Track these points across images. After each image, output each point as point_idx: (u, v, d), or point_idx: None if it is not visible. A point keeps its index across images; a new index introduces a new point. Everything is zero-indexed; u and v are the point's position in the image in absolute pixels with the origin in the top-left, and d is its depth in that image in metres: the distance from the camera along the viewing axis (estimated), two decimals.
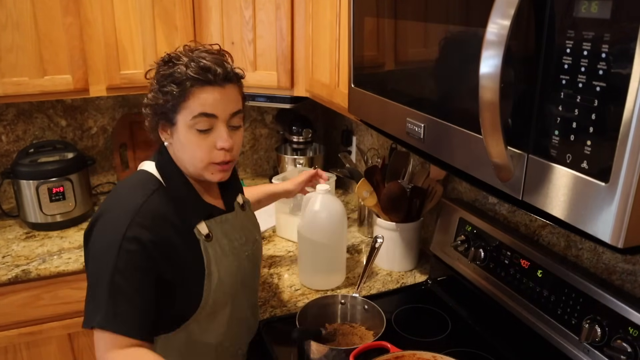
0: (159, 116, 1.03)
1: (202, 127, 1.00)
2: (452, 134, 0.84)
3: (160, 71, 1.02)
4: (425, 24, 0.89)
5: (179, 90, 0.98)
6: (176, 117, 1.00)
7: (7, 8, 1.60)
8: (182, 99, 0.99)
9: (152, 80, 1.04)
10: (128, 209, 0.97)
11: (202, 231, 1.05)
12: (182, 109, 0.99)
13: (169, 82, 0.99)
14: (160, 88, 1.00)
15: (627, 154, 0.55)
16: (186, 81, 0.98)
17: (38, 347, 1.72)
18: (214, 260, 1.06)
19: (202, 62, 0.99)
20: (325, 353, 1.14)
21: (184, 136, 1.01)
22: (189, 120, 1.00)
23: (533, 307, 1.15)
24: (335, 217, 1.44)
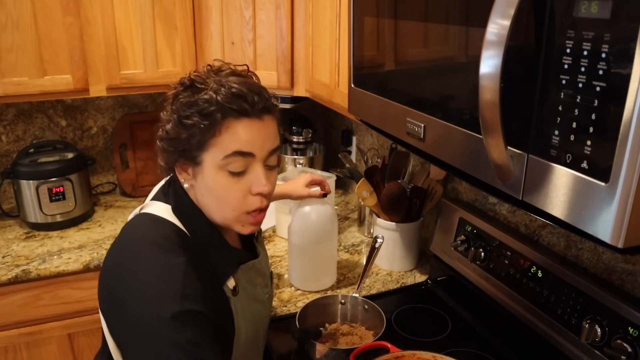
0: (179, 153, 0.84)
1: (235, 169, 0.83)
2: (452, 134, 0.84)
3: (181, 98, 0.83)
4: (425, 24, 0.89)
5: (207, 123, 0.80)
6: (202, 155, 0.83)
7: (7, 8, 1.60)
8: (212, 134, 0.81)
9: (169, 107, 0.85)
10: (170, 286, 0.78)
11: (230, 285, 0.90)
12: (211, 146, 0.82)
13: (194, 113, 0.81)
14: (181, 119, 0.82)
15: (627, 154, 0.55)
16: (216, 112, 0.80)
17: (38, 347, 1.72)
18: (241, 315, 0.92)
19: (234, 88, 0.81)
20: (325, 353, 1.14)
21: (212, 179, 0.84)
22: (220, 160, 0.82)
23: (533, 307, 1.15)
24: (325, 218, 1.44)
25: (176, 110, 0.83)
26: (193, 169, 0.86)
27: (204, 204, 0.88)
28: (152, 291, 0.78)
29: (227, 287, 0.89)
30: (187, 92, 0.84)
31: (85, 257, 1.70)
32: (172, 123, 0.84)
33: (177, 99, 0.84)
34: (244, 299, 0.93)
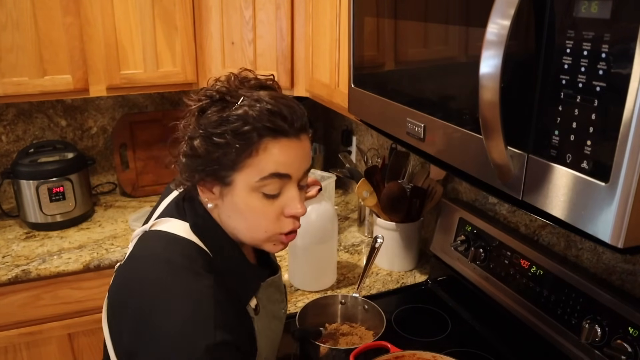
0: (206, 172, 0.78)
1: (270, 191, 0.79)
2: (452, 134, 0.84)
3: (209, 113, 0.77)
4: (425, 24, 0.89)
5: (242, 142, 0.75)
6: (233, 175, 0.77)
7: (7, 8, 1.60)
8: (247, 155, 0.76)
9: (193, 121, 0.78)
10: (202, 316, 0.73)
11: (252, 305, 0.86)
12: (246, 167, 0.76)
13: (227, 131, 0.75)
14: (211, 136, 0.75)
15: (627, 154, 0.55)
16: (253, 131, 0.75)
17: (38, 347, 1.72)
18: (262, 335, 0.88)
19: (270, 104, 0.76)
20: (325, 353, 1.14)
21: (243, 200, 0.79)
22: (255, 182, 0.77)
23: (533, 307, 1.15)
24: (325, 218, 1.44)
25: (205, 126, 0.76)
26: (221, 188, 0.80)
27: (230, 226, 0.83)
28: (183, 325, 0.72)
29: (250, 307, 0.85)
30: (216, 106, 0.77)
31: (85, 257, 1.70)
32: (200, 139, 0.76)
33: (204, 113, 0.78)
34: (264, 317, 0.88)
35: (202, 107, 0.78)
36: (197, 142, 0.76)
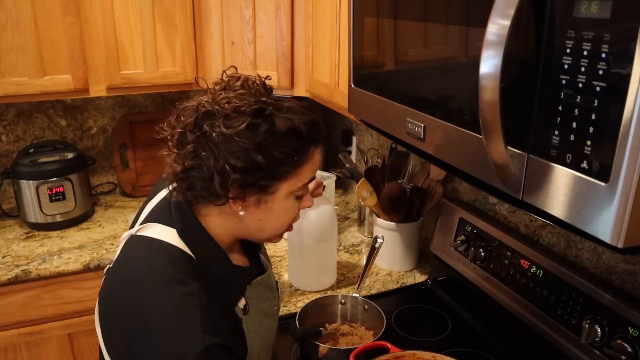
0: (248, 185, 0.77)
1: (302, 193, 0.85)
2: (452, 134, 0.84)
3: (261, 128, 0.76)
4: (425, 24, 0.89)
5: (299, 154, 0.78)
6: (277, 185, 0.80)
7: (7, 8, 1.60)
8: (299, 164, 0.80)
9: (240, 135, 0.75)
10: (189, 322, 0.74)
11: (240, 305, 0.86)
12: (293, 177, 0.80)
13: (287, 143, 0.77)
14: (269, 151, 0.76)
15: (627, 154, 0.55)
16: (306, 144, 0.79)
17: (38, 347, 1.72)
18: (253, 334, 0.88)
19: (309, 116, 0.80)
20: (325, 353, 1.14)
21: (282, 205, 0.82)
22: (297, 189, 0.82)
23: (533, 307, 1.15)
24: (325, 218, 1.44)
25: (261, 141, 0.76)
26: (259, 197, 0.80)
27: (253, 227, 0.84)
28: (170, 332, 0.73)
29: (239, 308, 0.86)
30: (263, 120, 0.76)
31: (85, 257, 1.70)
32: (258, 154, 0.76)
33: (256, 127, 0.76)
34: (254, 316, 0.89)
35: (251, 123, 0.75)
36: (258, 157, 0.75)
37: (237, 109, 0.75)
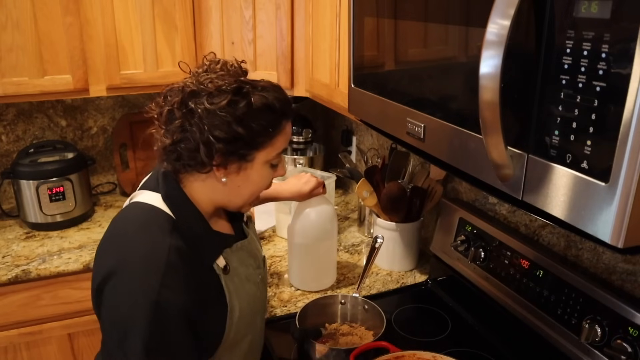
0: (234, 153, 0.89)
1: (277, 162, 0.97)
2: (452, 134, 0.84)
3: (240, 102, 0.87)
4: (425, 24, 0.89)
5: (274, 126, 0.91)
6: (255, 154, 0.91)
7: (7, 8, 1.60)
8: (274, 135, 0.91)
9: (222, 110, 0.86)
10: (153, 268, 0.84)
11: (220, 264, 0.96)
12: (269, 146, 0.92)
13: (262, 118, 0.89)
14: (248, 123, 0.87)
15: (627, 154, 0.55)
16: (279, 118, 0.91)
17: (38, 347, 1.72)
18: (234, 293, 0.97)
19: (281, 94, 0.93)
20: (325, 353, 1.14)
21: (258, 172, 0.94)
22: (272, 157, 0.94)
23: (533, 307, 1.15)
24: (325, 218, 1.43)
25: (241, 115, 0.87)
26: (240, 165, 0.92)
27: (231, 194, 0.96)
28: (134, 275, 0.84)
29: (218, 266, 0.95)
30: (241, 97, 0.88)
31: (85, 257, 1.70)
32: (238, 125, 0.87)
33: (235, 103, 0.87)
34: (235, 278, 0.98)
35: (231, 100, 0.86)
36: (239, 128, 0.87)
37: (219, 88, 0.86)
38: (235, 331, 0.98)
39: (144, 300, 0.82)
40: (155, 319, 0.82)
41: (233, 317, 0.97)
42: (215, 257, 0.95)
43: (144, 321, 0.82)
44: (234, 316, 0.97)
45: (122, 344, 0.83)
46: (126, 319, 0.83)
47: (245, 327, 1.01)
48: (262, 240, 1.83)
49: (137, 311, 0.82)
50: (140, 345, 0.82)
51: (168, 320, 0.84)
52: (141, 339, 0.82)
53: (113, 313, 0.86)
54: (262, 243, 1.80)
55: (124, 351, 0.83)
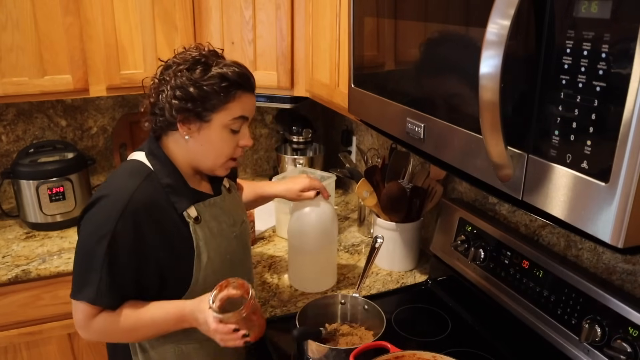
0: (190, 111, 1.05)
1: (236, 128, 1.09)
2: (452, 134, 0.84)
3: (197, 70, 1.04)
4: (425, 24, 0.89)
5: (224, 92, 1.04)
6: (212, 115, 1.06)
7: (7, 8, 1.60)
8: (226, 100, 1.05)
9: (184, 75, 1.04)
10: (121, 198, 1.03)
11: (192, 214, 1.10)
12: (223, 110, 1.06)
13: (215, 83, 1.03)
14: (202, 86, 1.03)
15: (627, 154, 0.55)
16: (232, 85, 1.05)
17: (38, 347, 1.72)
18: (203, 241, 1.11)
19: (238, 69, 1.06)
20: (325, 353, 1.14)
21: (216, 134, 1.08)
22: (228, 121, 1.07)
23: (533, 307, 1.15)
24: (325, 219, 1.43)
25: (196, 79, 1.03)
26: (200, 124, 1.07)
27: (199, 153, 1.10)
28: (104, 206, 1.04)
29: (188, 215, 1.10)
30: (200, 66, 1.04)
31: None
32: (195, 87, 1.03)
33: (192, 70, 1.04)
34: (206, 229, 1.12)
35: (190, 67, 1.05)
36: (192, 89, 1.03)
37: (185, 60, 1.06)
38: (204, 276, 1.11)
39: (106, 225, 1.01)
40: (113, 241, 1.01)
41: (201, 263, 1.11)
42: (185, 207, 1.10)
43: (103, 244, 1.01)
44: (201, 262, 1.11)
45: (85, 269, 1.03)
46: (91, 242, 1.04)
47: (215, 275, 1.12)
48: (262, 240, 1.83)
49: (100, 236, 1.02)
50: (97, 271, 1.01)
51: (124, 241, 1.02)
52: (97, 266, 1.01)
53: (82, 239, 1.07)
54: (262, 243, 1.80)
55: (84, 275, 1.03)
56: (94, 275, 1.03)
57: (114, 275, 1.03)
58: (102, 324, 1.06)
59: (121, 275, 1.04)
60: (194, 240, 1.10)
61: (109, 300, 1.04)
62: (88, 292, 1.03)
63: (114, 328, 1.07)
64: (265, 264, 1.67)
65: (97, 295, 1.03)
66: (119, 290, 1.05)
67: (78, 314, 1.07)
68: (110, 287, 1.03)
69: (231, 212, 1.22)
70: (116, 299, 1.06)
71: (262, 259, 1.70)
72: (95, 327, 1.07)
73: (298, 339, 1.18)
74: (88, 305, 1.04)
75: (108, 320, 1.06)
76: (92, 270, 1.03)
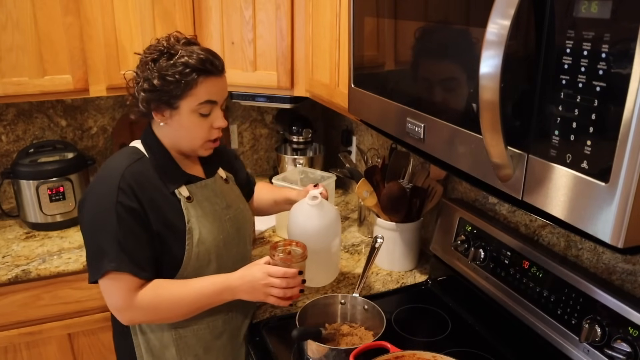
0: (159, 100, 1.10)
1: (205, 112, 1.13)
2: (452, 134, 0.84)
3: (161, 61, 1.09)
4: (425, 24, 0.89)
5: (187, 79, 1.08)
6: (179, 102, 1.10)
7: (7, 8, 1.60)
8: (189, 88, 1.09)
9: (148, 67, 1.10)
10: (116, 174, 1.09)
11: (183, 193, 1.16)
12: (188, 96, 1.10)
13: (176, 72, 1.07)
14: (165, 76, 1.08)
15: (627, 154, 0.55)
16: (193, 72, 1.08)
17: (38, 347, 1.72)
18: (194, 218, 1.16)
19: (202, 55, 1.10)
20: (325, 353, 1.14)
21: (187, 119, 1.12)
22: (195, 106, 1.11)
23: (533, 307, 1.15)
24: (329, 219, 1.40)
25: (159, 70, 1.09)
26: (171, 111, 1.12)
27: (176, 137, 1.16)
28: (99, 183, 1.11)
29: (180, 194, 1.16)
30: (164, 57, 1.09)
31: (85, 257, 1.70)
32: (158, 79, 1.08)
33: (157, 61, 1.10)
34: (198, 208, 1.18)
35: (155, 58, 1.10)
36: (156, 80, 1.08)
37: (153, 51, 1.11)
38: (196, 253, 1.15)
39: (107, 203, 1.06)
40: (119, 217, 1.06)
41: (192, 239, 1.15)
42: (176, 186, 1.16)
43: (111, 220, 1.05)
44: (193, 238, 1.15)
45: (99, 243, 1.07)
46: (99, 222, 1.07)
47: (207, 253, 1.17)
48: (261, 240, 1.83)
49: (104, 214, 1.06)
50: (112, 239, 1.05)
51: (127, 214, 1.06)
52: (111, 235, 1.06)
53: (88, 219, 1.09)
54: (262, 243, 1.80)
55: (100, 248, 1.07)
56: (109, 244, 1.06)
57: (130, 240, 1.06)
58: (146, 299, 1.09)
59: (136, 242, 1.07)
60: (186, 216, 1.14)
61: (132, 267, 1.07)
62: (108, 260, 1.06)
63: (159, 302, 1.10)
64: None
65: (119, 262, 1.05)
66: (138, 255, 1.08)
67: (115, 296, 1.09)
68: (131, 252, 1.06)
69: (225, 196, 1.26)
70: (140, 265, 1.08)
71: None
72: (139, 303, 1.09)
73: (298, 339, 1.18)
74: (124, 281, 1.07)
75: (151, 294, 1.09)
76: (106, 241, 1.06)
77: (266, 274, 1.12)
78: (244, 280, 1.13)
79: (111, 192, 1.07)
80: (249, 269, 1.15)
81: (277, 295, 1.13)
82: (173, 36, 1.15)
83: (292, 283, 1.13)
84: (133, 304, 1.08)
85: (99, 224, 1.07)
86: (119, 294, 1.08)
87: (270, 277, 1.12)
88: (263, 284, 1.12)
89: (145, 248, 1.10)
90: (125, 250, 1.06)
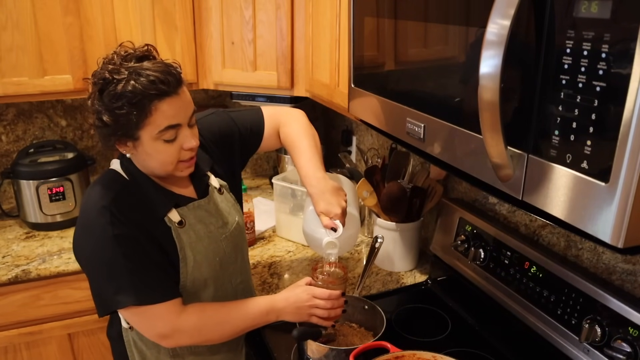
0: (117, 135, 1.00)
1: (169, 138, 1.01)
2: (452, 134, 0.84)
3: (107, 91, 0.96)
4: (425, 24, 0.89)
5: (138, 109, 0.96)
6: (138, 132, 0.99)
7: (7, 8, 1.60)
8: (144, 117, 0.97)
9: (96, 101, 0.98)
10: (102, 212, 1.01)
11: (174, 219, 1.09)
12: (146, 125, 0.98)
13: (125, 103, 0.95)
14: (114, 110, 0.96)
15: (627, 154, 0.55)
16: (143, 99, 0.95)
17: (38, 347, 1.72)
18: (187, 245, 1.10)
19: (151, 76, 0.96)
20: (325, 353, 1.14)
21: (151, 147, 1.02)
22: (155, 134, 1.00)
23: (533, 307, 1.15)
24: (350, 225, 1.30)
25: (107, 103, 0.96)
26: (133, 142, 1.02)
27: (147, 166, 1.07)
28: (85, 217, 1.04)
29: (170, 219, 1.08)
30: (110, 86, 0.96)
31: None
32: (107, 114, 0.97)
33: (102, 92, 0.97)
34: (191, 232, 1.11)
35: (100, 89, 0.97)
36: (106, 117, 0.97)
37: (98, 80, 0.98)
38: (192, 280, 1.11)
39: (104, 236, 0.99)
40: (118, 246, 0.99)
41: (187, 267, 1.10)
42: (165, 212, 1.08)
43: (113, 250, 0.99)
44: (187, 265, 1.10)
45: (109, 277, 1.01)
46: (99, 255, 1.01)
47: (203, 278, 1.13)
48: (262, 240, 1.83)
49: (105, 247, 1.00)
50: (124, 270, 1.00)
51: (128, 243, 1.01)
52: (122, 265, 1.00)
53: (88, 255, 1.04)
54: (262, 243, 1.80)
55: (113, 282, 1.00)
56: (119, 278, 1.00)
57: (139, 269, 1.02)
58: (192, 320, 1.06)
59: (144, 267, 1.03)
60: (178, 244, 1.09)
61: (152, 293, 1.03)
62: (126, 295, 1.00)
63: (203, 324, 1.07)
64: (265, 264, 1.67)
65: (138, 294, 1.01)
66: (152, 281, 1.03)
67: (157, 323, 1.05)
68: (144, 280, 1.02)
69: (219, 214, 1.19)
70: (159, 290, 1.04)
71: (262, 259, 1.69)
72: (184, 324, 1.05)
73: (298, 339, 1.18)
74: (164, 307, 1.03)
75: (195, 318, 1.06)
76: (115, 275, 1.01)
77: (311, 295, 1.12)
78: (289, 302, 1.12)
79: (106, 225, 1.00)
80: (292, 290, 1.14)
81: (322, 316, 1.13)
82: (118, 54, 1.01)
83: (336, 304, 1.13)
84: (180, 325, 1.05)
85: (101, 258, 1.02)
86: (164, 319, 1.05)
87: (315, 299, 1.12)
88: (308, 305, 1.12)
89: (155, 271, 1.05)
90: (141, 282, 1.02)
